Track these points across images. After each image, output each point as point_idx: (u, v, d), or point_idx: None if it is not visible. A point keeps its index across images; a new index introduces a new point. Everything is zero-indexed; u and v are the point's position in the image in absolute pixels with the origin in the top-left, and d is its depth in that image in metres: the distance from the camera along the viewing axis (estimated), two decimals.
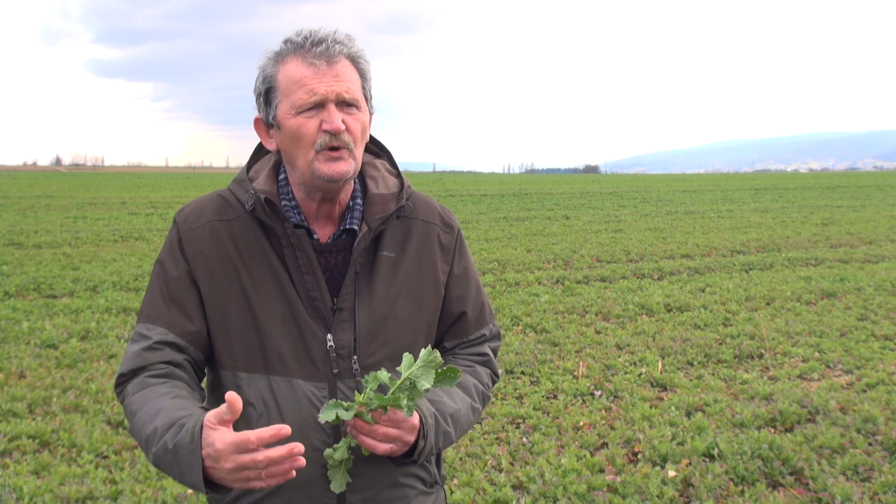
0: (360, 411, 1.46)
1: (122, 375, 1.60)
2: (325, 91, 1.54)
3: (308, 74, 1.54)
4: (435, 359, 1.47)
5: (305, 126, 1.55)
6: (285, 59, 1.57)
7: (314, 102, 1.54)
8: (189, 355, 1.61)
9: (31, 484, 4.21)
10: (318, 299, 1.60)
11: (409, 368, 1.47)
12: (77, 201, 31.02)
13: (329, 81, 1.54)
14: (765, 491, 4.23)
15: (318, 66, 1.54)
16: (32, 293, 10.02)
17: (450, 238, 1.76)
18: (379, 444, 1.48)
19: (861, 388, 6.05)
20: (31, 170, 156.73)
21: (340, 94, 1.55)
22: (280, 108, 1.57)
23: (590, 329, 8.16)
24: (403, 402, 1.44)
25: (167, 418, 1.44)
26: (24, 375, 6.30)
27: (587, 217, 23.47)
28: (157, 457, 1.44)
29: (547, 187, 48.22)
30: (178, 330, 1.59)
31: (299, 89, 1.54)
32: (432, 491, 1.75)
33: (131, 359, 1.59)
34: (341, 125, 1.54)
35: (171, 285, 1.61)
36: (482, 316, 1.79)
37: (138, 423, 1.49)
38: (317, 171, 1.57)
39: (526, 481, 4.36)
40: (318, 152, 1.56)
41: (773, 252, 14.41)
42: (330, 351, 1.59)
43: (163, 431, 1.42)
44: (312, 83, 1.54)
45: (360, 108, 1.59)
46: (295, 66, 1.55)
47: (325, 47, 1.54)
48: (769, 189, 42.59)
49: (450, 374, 1.49)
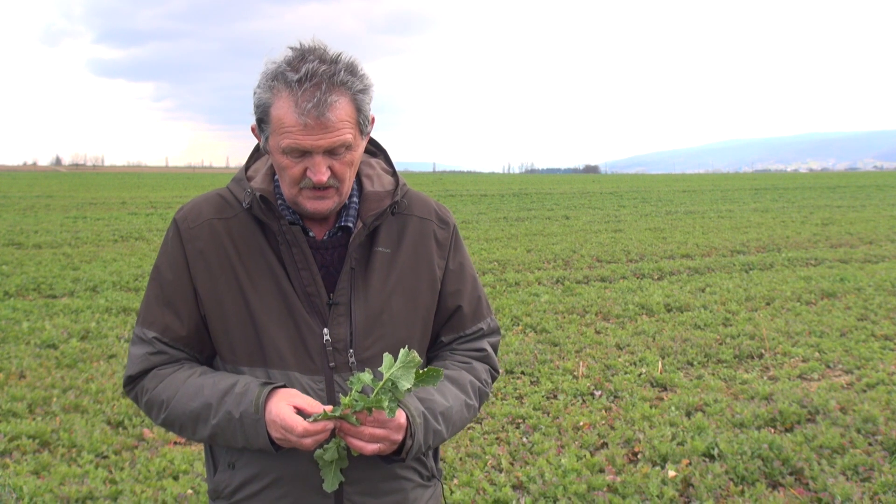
0: (345, 413, 1.48)
1: (132, 377, 1.67)
2: (312, 146, 1.52)
3: (296, 126, 1.50)
4: (413, 359, 1.48)
5: (291, 168, 1.56)
6: (280, 94, 1.52)
7: (300, 153, 1.54)
8: (188, 355, 1.69)
9: (31, 484, 4.21)
10: (314, 294, 1.63)
11: (390, 370, 1.49)
12: (77, 201, 31.02)
13: (317, 136, 1.51)
14: (765, 491, 4.23)
15: (307, 122, 1.49)
16: (32, 293, 10.02)
17: (445, 234, 1.78)
18: (366, 445, 1.51)
19: (861, 388, 6.05)
20: (31, 170, 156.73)
21: (328, 148, 1.53)
22: (270, 140, 1.58)
23: (590, 329, 8.16)
24: (385, 404, 1.46)
25: (216, 390, 1.57)
26: (24, 375, 6.30)
27: (587, 217, 23.47)
28: (217, 428, 1.56)
29: (547, 187, 48.22)
30: (171, 336, 1.65)
31: (286, 136, 1.52)
32: (429, 484, 1.78)
33: (139, 362, 1.66)
34: (325, 177, 1.55)
35: (165, 289, 1.66)
36: (479, 310, 1.81)
37: (179, 407, 1.59)
38: (300, 204, 1.61)
39: (526, 481, 4.36)
40: (302, 189, 1.58)
41: (773, 252, 14.42)
42: (326, 345, 1.62)
43: (219, 401, 1.55)
44: (299, 137, 1.51)
45: (350, 149, 1.57)
46: (285, 110, 1.51)
47: (317, 101, 1.48)
48: (769, 189, 42.59)
49: (432, 374, 1.50)
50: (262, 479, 1.63)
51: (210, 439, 1.61)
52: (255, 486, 1.64)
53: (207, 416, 1.56)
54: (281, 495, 1.62)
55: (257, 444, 1.53)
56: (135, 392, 1.68)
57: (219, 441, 1.60)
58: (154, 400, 1.63)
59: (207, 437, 1.60)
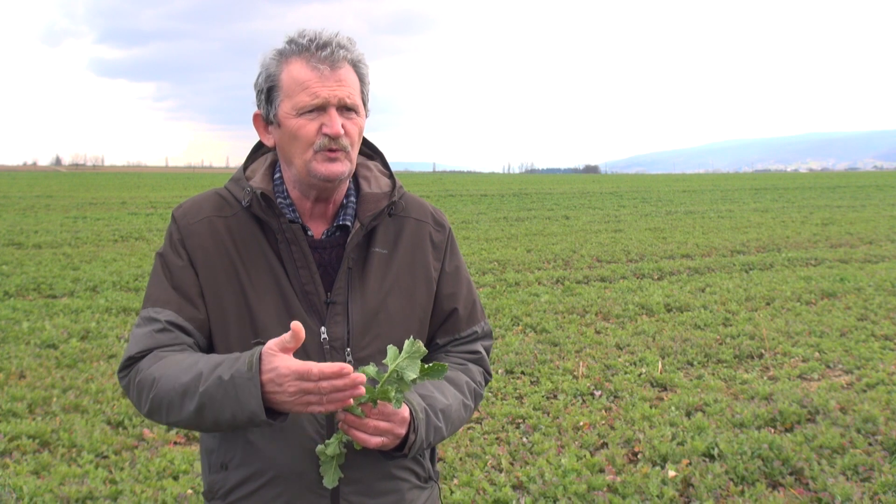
0: (349, 405, 1.47)
1: (132, 358, 1.59)
2: (328, 95, 1.57)
3: (312, 77, 1.57)
4: (419, 349, 1.49)
5: (306, 128, 1.59)
6: (289, 59, 1.59)
7: (316, 105, 1.58)
8: (196, 341, 1.63)
9: (31, 484, 4.21)
10: (312, 293, 1.64)
11: (395, 360, 1.49)
12: (77, 201, 31.02)
13: (332, 86, 1.58)
14: (765, 491, 4.23)
15: (322, 71, 1.57)
16: (32, 293, 10.02)
17: (441, 236, 1.80)
18: (370, 438, 1.50)
19: (861, 388, 6.05)
20: (31, 170, 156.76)
21: (342, 99, 1.59)
22: (282, 107, 1.60)
23: (590, 329, 8.16)
24: (392, 395, 1.47)
25: (211, 362, 1.49)
26: (24, 375, 6.30)
27: (587, 217, 23.47)
28: (205, 396, 1.45)
29: (547, 187, 48.23)
30: (187, 315, 1.61)
31: (302, 91, 1.57)
32: (426, 486, 1.78)
33: (142, 340, 1.59)
34: (341, 130, 1.58)
35: (175, 273, 1.64)
36: (473, 313, 1.82)
37: (168, 381, 1.50)
38: (313, 170, 1.60)
39: (526, 481, 4.36)
40: (316, 152, 1.60)
41: (773, 252, 14.42)
42: (324, 343, 1.63)
43: (211, 370, 1.46)
44: (316, 87, 1.57)
45: (358, 113, 1.63)
46: (299, 68, 1.58)
47: (330, 52, 1.57)
48: (769, 189, 42.60)
49: (437, 368, 1.51)
50: (257, 479, 1.62)
51: (196, 416, 1.47)
52: (250, 486, 1.63)
53: (196, 385, 1.46)
54: (276, 495, 1.61)
55: (248, 409, 1.41)
56: (129, 375, 1.59)
57: (205, 417, 1.47)
58: (146, 379, 1.53)
59: (193, 412, 1.47)
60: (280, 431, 1.59)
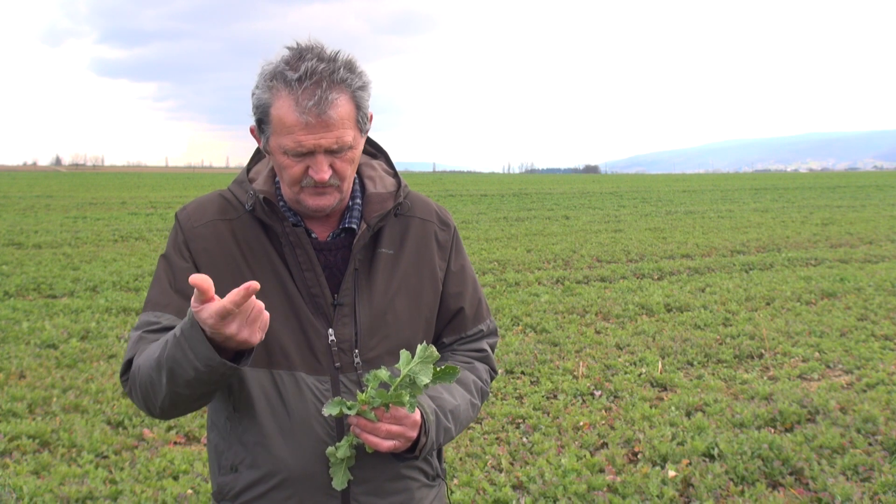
0: (362, 409, 1.48)
1: (129, 362, 1.58)
2: (313, 145, 1.52)
3: (297, 125, 1.50)
4: (431, 353, 1.50)
5: (293, 168, 1.56)
6: (279, 93, 1.52)
7: (301, 153, 1.53)
8: None
9: (31, 484, 4.21)
10: (318, 295, 1.63)
11: (408, 365, 1.50)
12: (77, 201, 31.02)
13: (319, 135, 1.51)
14: (765, 491, 4.23)
15: (308, 120, 1.49)
16: (32, 293, 10.02)
17: (447, 236, 1.80)
18: (382, 442, 1.51)
19: (861, 388, 6.06)
20: (31, 170, 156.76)
21: (329, 147, 1.53)
22: (271, 141, 1.57)
23: (590, 329, 8.16)
24: (406, 399, 1.47)
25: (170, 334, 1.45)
26: (24, 375, 6.30)
27: (587, 217, 23.47)
28: (170, 360, 1.42)
29: (547, 187, 48.22)
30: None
31: (288, 136, 1.52)
32: (434, 484, 1.78)
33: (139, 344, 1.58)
34: (327, 176, 1.55)
35: (178, 275, 1.63)
36: (479, 312, 1.82)
37: (146, 363, 1.49)
38: (302, 201, 1.60)
39: (526, 481, 4.36)
40: (303, 188, 1.58)
41: (773, 252, 14.42)
42: (332, 345, 1.62)
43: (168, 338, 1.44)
44: (300, 135, 1.51)
45: (351, 147, 1.57)
46: (286, 110, 1.51)
47: (318, 99, 1.48)
48: (769, 189, 42.59)
49: (449, 371, 1.52)
50: (267, 481, 1.62)
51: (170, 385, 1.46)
52: (261, 488, 1.62)
53: (162, 354, 1.45)
54: (287, 497, 1.61)
55: (202, 355, 1.38)
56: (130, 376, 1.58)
57: (178, 383, 1.44)
58: (136, 372, 1.54)
59: (167, 383, 1.46)
60: (291, 434, 1.59)
